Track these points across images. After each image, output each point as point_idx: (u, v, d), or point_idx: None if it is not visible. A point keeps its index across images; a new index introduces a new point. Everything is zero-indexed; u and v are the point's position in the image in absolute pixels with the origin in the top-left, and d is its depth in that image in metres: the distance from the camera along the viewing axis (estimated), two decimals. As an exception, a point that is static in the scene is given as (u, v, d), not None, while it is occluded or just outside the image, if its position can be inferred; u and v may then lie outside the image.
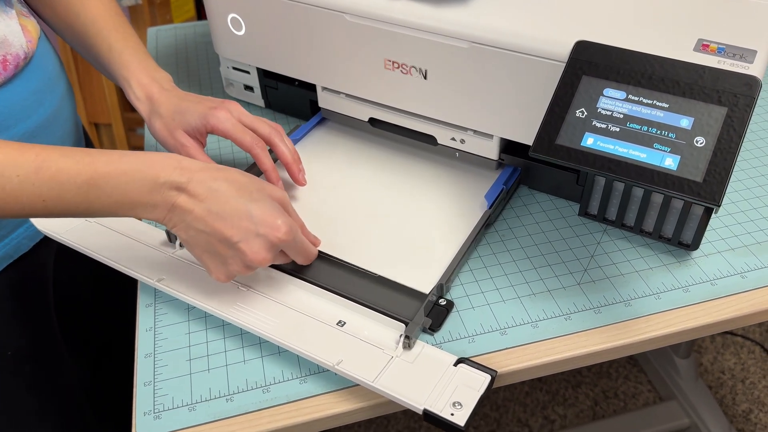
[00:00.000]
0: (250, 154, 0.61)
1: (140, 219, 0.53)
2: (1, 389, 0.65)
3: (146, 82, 0.64)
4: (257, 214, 0.50)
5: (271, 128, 0.63)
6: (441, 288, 0.55)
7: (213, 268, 0.51)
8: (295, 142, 0.73)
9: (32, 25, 0.64)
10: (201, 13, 1.58)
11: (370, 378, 0.49)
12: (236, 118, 0.61)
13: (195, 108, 0.61)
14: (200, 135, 0.62)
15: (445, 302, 0.55)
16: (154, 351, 0.54)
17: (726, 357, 1.49)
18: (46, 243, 0.66)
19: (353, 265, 0.58)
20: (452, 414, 0.47)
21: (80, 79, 1.59)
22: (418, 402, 0.48)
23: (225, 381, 0.51)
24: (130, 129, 1.69)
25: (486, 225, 0.61)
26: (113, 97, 1.58)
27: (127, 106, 1.84)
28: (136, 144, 1.68)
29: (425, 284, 0.56)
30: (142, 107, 0.64)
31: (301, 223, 0.57)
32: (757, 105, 0.78)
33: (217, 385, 0.51)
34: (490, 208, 0.62)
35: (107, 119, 1.64)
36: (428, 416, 0.47)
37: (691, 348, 1.35)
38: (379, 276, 0.57)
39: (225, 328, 0.55)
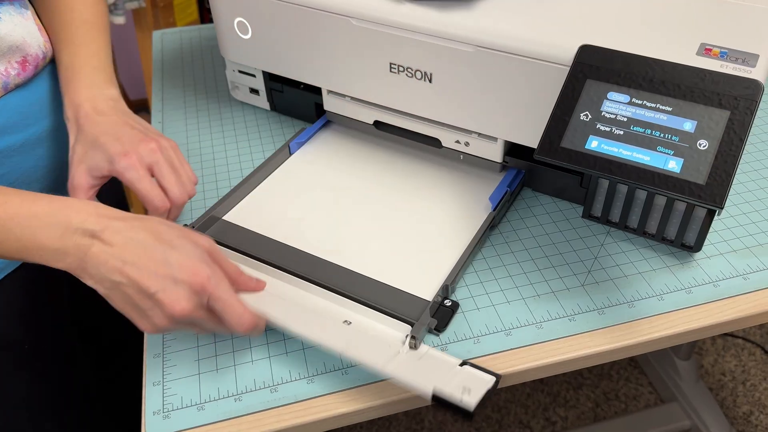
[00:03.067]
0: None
1: (51, 267, 0.48)
2: (13, 383, 0.65)
3: (78, 101, 0.59)
4: (176, 260, 0.46)
5: (182, 191, 0.57)
6: (446, 289, 0.56)
7: (138, 320, 0.47)
8: (300, 145, 0.73)
9: None
10: (204, 17, 1.59)
11: (379, 363, 0.49)
12: (146, 167, 0.55)
13: (109, 147, 0.55)
14: (103, 177, 0.57)
15: (450, 303, 0.56)
16: (163, 351, 0.54)
17: (727, 359, 1.49)
18: None
19: (358, 273, 0.58)
20: (461, 399, 0.47)
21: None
22: (426, 386, 0.47)
23: (233, 381, 0.52)
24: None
25: (490, 227, 0.62)
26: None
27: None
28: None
29: (430, 286, 0.57)
30: (69, 127, 0.59)
31: (234, 273, 0.51)
32: (760, 108, 0.79)
33: (226, 385, 0.52)
34: (494, 209, 0.62)
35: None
36: (437, 400, 0.47)
37: (692, 350, 1.35)
38: (384, 283, 0.57)
39: (233, 328, 0.56)
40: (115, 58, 1.53)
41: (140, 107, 1.89)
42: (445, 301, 0.56)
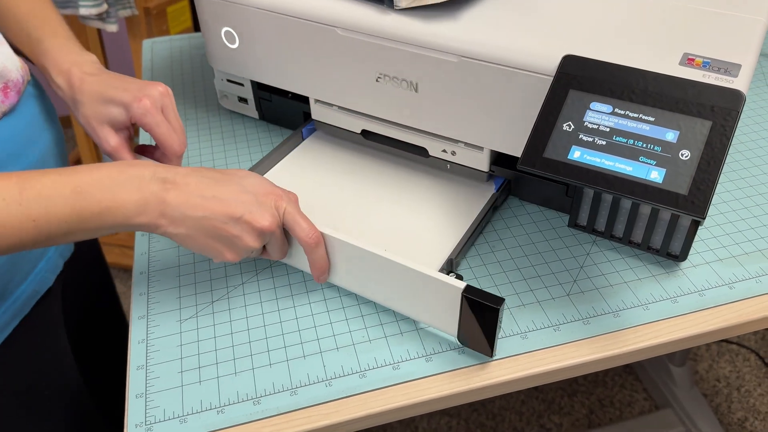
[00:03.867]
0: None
1: (133, 231, 0.52)
2: (23, 426, 0.64)
3: (66, 67, 0.59)
4: (250, 185, 0.51)
5: (185, 138, 0.60)
6: (451, 263, 0.58)
7: (222, 251, 0.51)
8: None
9: None
10: (197, 24, 1.59)
11: (416, 265, 0.51)
12: (159, 107, 0.57)
13: (120, 97, 0.57)
14: (126, 128, 0.59)
15: (455, 275, 0.56)
16: (146, 363, 0.54)
17: (721, 365, 1.49)
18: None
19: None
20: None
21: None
22: (458, 285, 0.50)
23: (216, 393, 0.52)
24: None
25: (493, 208, 0.65)
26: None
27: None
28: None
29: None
30: (63, 95, 0.60)
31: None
32: (747, 114, 0.79)
33: (209, 397, 0.51)
34: (497, 191, 0.66)
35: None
36: (468, 291, 0.50)
37: (687, 356, 1.35)
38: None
39: (216, 340, 0.56)
40: (108, 65, 1.53)
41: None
42: (450, 274, 0.55)
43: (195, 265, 0.63)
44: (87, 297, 0.79)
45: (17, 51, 0.62)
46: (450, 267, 0.58)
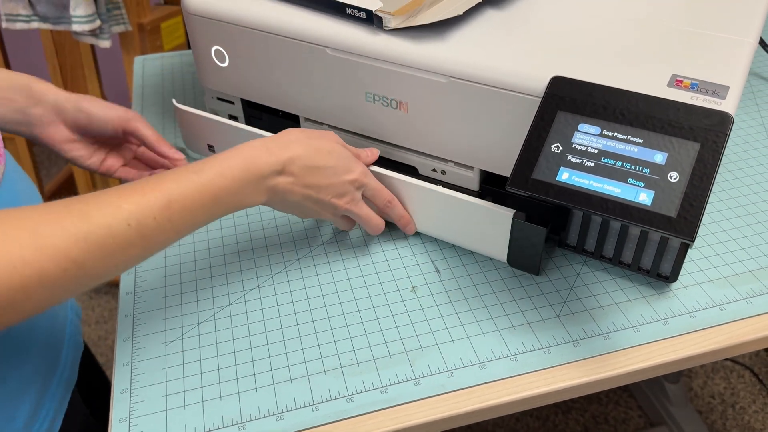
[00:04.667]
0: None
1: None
2: None
3: (23, 83, 0.61)
4: (339, 166, 0.58)
5: None
6: None
7: (318, 216, 0.61)
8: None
9: None
10: (191, 39, 1.59)
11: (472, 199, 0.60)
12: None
13: (113, 109, 0.65)
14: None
15: None
16: (131, 386, 0.53)
17: (716, 381, 1.49)
18: None
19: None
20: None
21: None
22: (507, 213, 0.58)
23: (201, 417, 0.51)
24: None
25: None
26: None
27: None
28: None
29: None
30: (32, 116, 0.62)
31: (361, 156, 0.63)
32: (737, 132, 0.79)
33: (193, 422, 0.50)
34: None
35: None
36: (518, 216, 0.57)
37: (681, 373, 1.34)
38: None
39: (202, 363, 0.55)
40: (101, 81, 1.52)
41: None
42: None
43: (181, 286, 0.62)
44: None
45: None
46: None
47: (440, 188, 0.61)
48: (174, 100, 0.74)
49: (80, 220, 0.42)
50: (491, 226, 0.59)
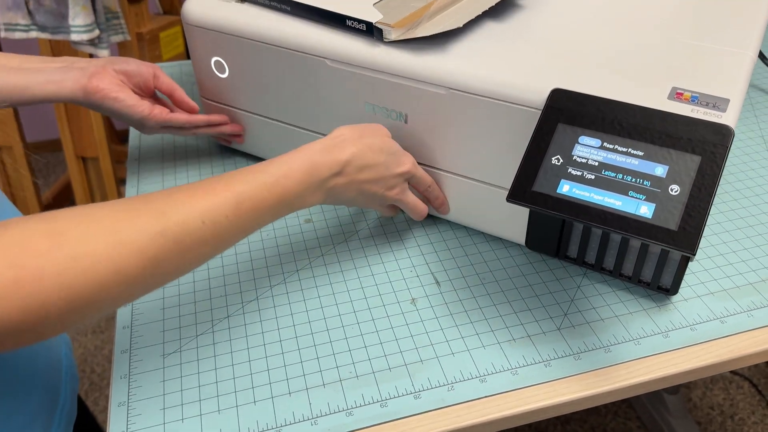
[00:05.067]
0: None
1: None
2: None
3: (69, 61, 0.65)
4: (390, 162, 0.59)
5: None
6: None
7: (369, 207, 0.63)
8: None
9: None
10: (190, 49, 1.59)
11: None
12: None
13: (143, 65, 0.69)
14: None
15: None
16: (128, 399, 0.53)
17: (715, 392, 1.48)
18: None
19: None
20: None
21: (68, 113, 1.59)
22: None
23: (198, 431, 0.50)
24: (117, 162, 1.69)
25: None
26: (101, 131, 1.58)
27: (114, 138, 1.85)
28: (123, 176, 1.68)
29: None
30: (84, 86, 0.64)
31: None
32: (737, 145, 0.79)
33: (191, 436, 0.50)
34: None
35: (94, 153, 1.64)
36: None
37: (680, 384, 1.34)
38: None
39: (200, 375, 0.54)
40: (100, 90, 1.52)
41: (125, 139, 1.89)
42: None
43: (180, 298, 0.62)
44: None
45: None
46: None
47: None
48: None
49: (157, 218, 0.43)
50: (511, 207, 0.60)
